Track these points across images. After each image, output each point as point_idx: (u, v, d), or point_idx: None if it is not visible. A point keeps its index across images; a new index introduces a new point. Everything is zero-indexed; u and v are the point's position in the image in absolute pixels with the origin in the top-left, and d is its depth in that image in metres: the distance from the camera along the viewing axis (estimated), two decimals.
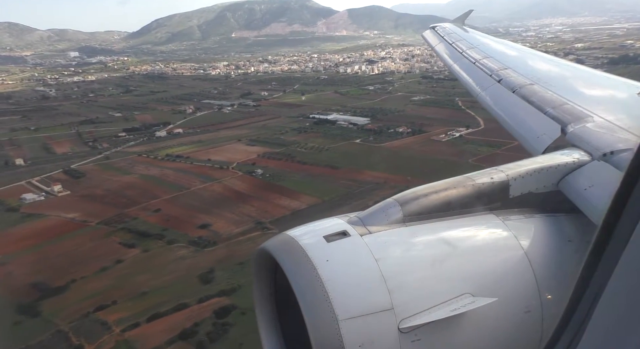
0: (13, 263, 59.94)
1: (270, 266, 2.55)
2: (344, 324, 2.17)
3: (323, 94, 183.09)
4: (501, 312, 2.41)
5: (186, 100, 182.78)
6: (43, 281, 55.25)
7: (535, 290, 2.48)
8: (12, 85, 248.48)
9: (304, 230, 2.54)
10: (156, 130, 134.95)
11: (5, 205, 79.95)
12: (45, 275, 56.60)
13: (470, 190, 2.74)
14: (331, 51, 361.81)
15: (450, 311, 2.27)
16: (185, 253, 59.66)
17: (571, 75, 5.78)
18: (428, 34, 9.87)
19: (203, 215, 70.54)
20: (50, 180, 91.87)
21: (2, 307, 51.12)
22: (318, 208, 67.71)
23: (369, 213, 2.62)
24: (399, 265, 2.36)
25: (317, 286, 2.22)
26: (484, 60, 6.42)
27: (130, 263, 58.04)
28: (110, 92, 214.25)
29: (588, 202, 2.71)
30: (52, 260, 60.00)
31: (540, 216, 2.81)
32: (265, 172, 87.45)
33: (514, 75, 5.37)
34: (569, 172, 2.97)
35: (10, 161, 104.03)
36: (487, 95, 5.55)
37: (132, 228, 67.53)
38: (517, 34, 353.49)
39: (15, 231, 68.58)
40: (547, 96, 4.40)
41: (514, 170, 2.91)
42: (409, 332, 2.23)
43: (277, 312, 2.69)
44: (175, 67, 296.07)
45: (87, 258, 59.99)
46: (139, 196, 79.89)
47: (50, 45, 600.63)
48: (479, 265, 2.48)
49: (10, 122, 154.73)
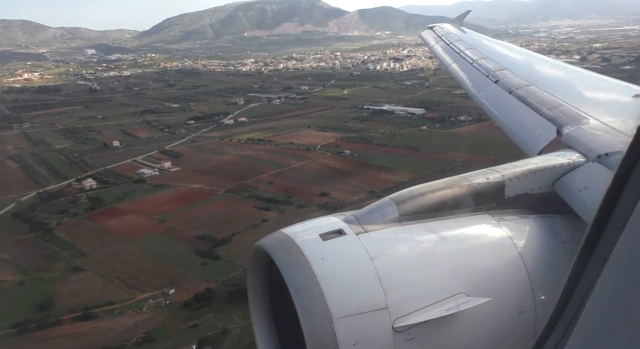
0: (172, 221, 69.41)
1: (266, 264, 2.58)
2: (339, 322, 2.18)
3: (362, 89, 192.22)
4: (495, 312, 2.44)
5: (231, 94, 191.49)
6: (207, 234, 64.67)
7: (529, 290, 2.50)
8: (52, 79, 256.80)
9: (300, 228, 2.58)
10: (219, 119, 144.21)
11: (128, 178, 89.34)
12: (206, 230, 66.05)
13: (466, 190, 2.78)
14: (347, 50, 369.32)
15: (444, 311, 2.29)
16: (319, 214, 69.00)
17: (567, 77, 5.80)
18: (426, 33, 9.96)
19: (315, 186, 79.91)
20: (151, 159, 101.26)
21: (184, 253, 60.53)
22: (421, 181, 76.62)
23: (365, 212, 2.65)
24: (394, 264, 2.39)
25: (312, 285, 2.23)
26: (481, 60, 6.48)
27: (274, 221, 67.34)
28: (153, 86, 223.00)
29: (582, 203, 2.74)
30: (204, 219, 69.46)
31: (535, 217, 2.84)
32: (352, 153, 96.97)
33: (510, 76, 5.42)
34: (564, 173, 2.99)
35: (109, 144, 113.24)
36: (483, 95, 5.61)
37: (258, 196, 76.95)
38: (528, 35, 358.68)
39: (156, 198, 77.96)
40: (544, 97, 4.42)
41: (509, 170, 2.94)
42: (403, 331, 2.25)
43: (272, 309, 2.72)
44: (205, 64, 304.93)
45: (234, 218, 69.40)
46: (246, 171, 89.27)
47: (64, 42, 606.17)
48: (473, 264, 2.51)
49: (75, 112, 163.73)
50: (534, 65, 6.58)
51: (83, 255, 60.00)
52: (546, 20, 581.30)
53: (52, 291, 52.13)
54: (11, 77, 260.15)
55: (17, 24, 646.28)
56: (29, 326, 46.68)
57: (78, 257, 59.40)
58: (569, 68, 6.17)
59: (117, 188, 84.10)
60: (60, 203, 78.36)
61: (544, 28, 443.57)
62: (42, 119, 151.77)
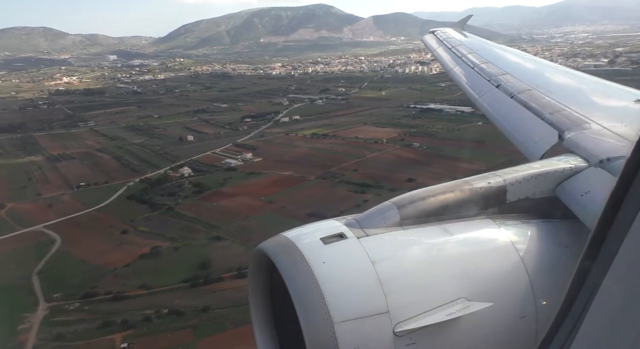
0: (278, 202, 76.46)
1: (267, 267, 2.58)
2: (340, 326, 2.18)
3: (398, 90, 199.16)
4: (496, 317, 2.43)
5: (271, 95, 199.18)
6: (317, 212, 71.42)
7: (531, 295, 2.49)
8: (91, 82, 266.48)
9: (301, 232, 2.57)
10: (271, 117, 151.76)
11: (217, 167, 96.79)
12: (313, 209, 72.75)
13: (467, 194, 2.77)
14: (365, 55, 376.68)
15: (445, 316, 2.28)
16: None
17: (569, 82, 5.80)
18: (428, 38, 9.91)
19: (399, 174, 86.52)
20: (230, 151, 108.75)
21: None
22: (496, 169, 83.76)
23: (366, 216, 2.66)
24: (396, 268, 2.38)
25: (313, 288, 2.22)
26: (483, 65, 6.48)
27: (376, 201, 73.83)
28: (192, 89, 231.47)
29: (584, 208, 2.73)
30: (307, 201, 76.38)
31: (537, 222, 2.83)
32: (420, 145, 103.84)
33: (512, 81, 5.40)
34: (565, 178, 2.98)
35: (184, 138, 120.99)
36: (485, 99, 5.61)
37: (349, 181, 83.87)
38: (544, 40, 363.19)
39: (254, 183, 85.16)
40: (545, 102, 4.40)
41: (511, 175, 2.94)
42: (404, 336, 2.25)
43: (273, 312, 2.72)
44: (234, 68, 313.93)
45: (334, 199, 76.23)
46: (326, 161, 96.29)
47: (84, 49, 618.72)
48: (475, 269, 2.50)
49: (130, 111, 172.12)
50: (536, 69, 6.58)
51: (216, 228, 67.23)
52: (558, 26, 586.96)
53: (205, 255, 59.31)
54: (52, 81, 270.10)
55: (39, 31, 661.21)
56: (197, 281, 54.03)
57: (212, 229, 66.64)
58: (572, 73, 6.16)
59: (213, 176, 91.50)
60: (167, 187, 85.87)
61: (558, 33, 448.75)
62: (103, 118, 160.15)
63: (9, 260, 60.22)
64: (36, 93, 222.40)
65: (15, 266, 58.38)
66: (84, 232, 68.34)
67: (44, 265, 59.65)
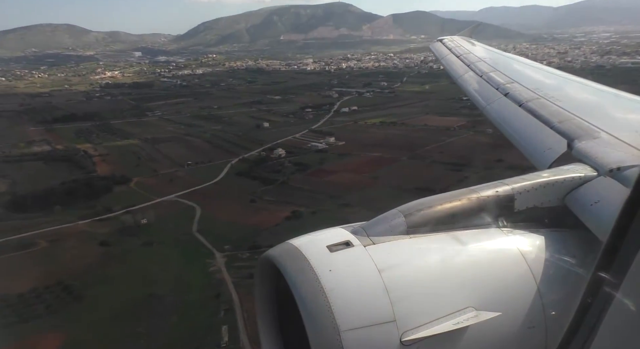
0: (382, 178, 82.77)
1: (273, 274, 2.57)
2: (346, 335, 2.18)
3: (440, 84, 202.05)
4: (504, 327, 2.42)
5: (314, 89, 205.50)
6: (424, 186, 77.43)
7: (540, 305, 2.47)
8: (134, 77, 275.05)
9: (307, 239, 2.59)
10: (328, 108, 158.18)
11: (306, 149, 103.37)
12: (418, 184, 78.66)
13: (475, 203, 2.75)
14: (388, 52, 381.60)
15: (452, 325, 2.27)
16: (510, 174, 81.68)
17: (578, 91, 5.79)
18: (436, 46, 9.95)
19: (484, 155, 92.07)
20: (309, 136, 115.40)
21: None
22: None
23: (372, 224, 2.64)
24: (402, 276, 2.36)
25: (320, 296, 2.22)
26: (491, 73, 6.48)
27: (477, 177, 79.98)
28: (235, 82, 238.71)
29: (594, 218, 2.71)
30: (408, 177, 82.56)
31: (545, 231, 2.80)
32: (494, 131, 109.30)
33: (520, 89, 5.36)
34: (575, 187, 2.95)
35: (260, 125, 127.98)
36: (493, 108, 5.64)
37: (440, 161, 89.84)
38: (567, 40, 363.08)
39: (350, 162, 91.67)
40: (554, 110, 4.33)
41: (519, 183, 2.90)
42: (410, 345, 2.23)
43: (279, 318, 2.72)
44: (267, 64, 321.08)
45: (434, 177, 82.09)
46: (408, 145, 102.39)
47: (107, 46, 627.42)
48: (482, 278, 2.48)
49: (189, 103, 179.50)
50: (545, 78, 6.49)
51: (338, 197, 73.74)
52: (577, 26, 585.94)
53: (344, 217, 65.67)
54: (96, 75, 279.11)
55: (63, 28, 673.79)
56: None
57: (335, 199, 73.14)
58: (581, 82, 6.04)
59: (306, 156, 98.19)
60: (269, 166, 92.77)
61: (579, 33, 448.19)
62: (166, 109, 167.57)
63: (166, 221, 67.29)
64: (87, 86, 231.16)
65: (173, 226, 65.34)
66: (216, 201, 75.19)
67: (198, 225, 66.56)
